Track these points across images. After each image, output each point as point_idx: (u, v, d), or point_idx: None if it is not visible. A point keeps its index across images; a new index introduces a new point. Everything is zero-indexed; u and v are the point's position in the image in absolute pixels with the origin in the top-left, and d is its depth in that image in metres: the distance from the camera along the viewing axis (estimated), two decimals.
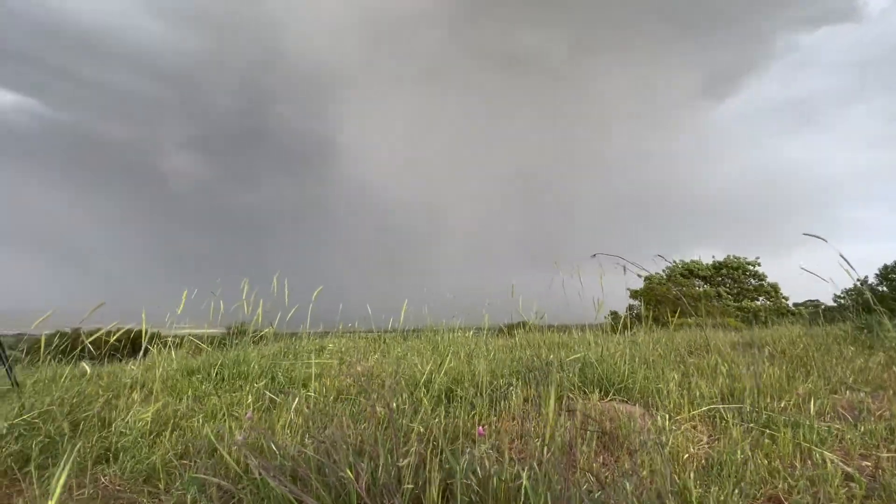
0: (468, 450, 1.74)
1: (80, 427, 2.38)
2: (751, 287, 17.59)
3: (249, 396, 2.92)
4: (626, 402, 2.89)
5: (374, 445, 1.45)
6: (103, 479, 1.97)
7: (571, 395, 2.88)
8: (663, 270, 20.35)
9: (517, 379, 3.25)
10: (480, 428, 1.92)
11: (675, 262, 20.26)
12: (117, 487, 1.93)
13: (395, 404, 2.48)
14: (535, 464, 1.37)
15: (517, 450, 2.10)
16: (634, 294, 17.95)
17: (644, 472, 1.68)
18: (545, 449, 1.47)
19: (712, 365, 3.90)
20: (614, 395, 2.98)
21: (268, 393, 3.04)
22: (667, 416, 2.49)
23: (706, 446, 2.28)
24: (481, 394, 2.82)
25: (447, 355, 3.78)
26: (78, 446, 2.16)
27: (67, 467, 0.96)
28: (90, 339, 3.23)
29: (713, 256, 18.79)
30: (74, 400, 2.78)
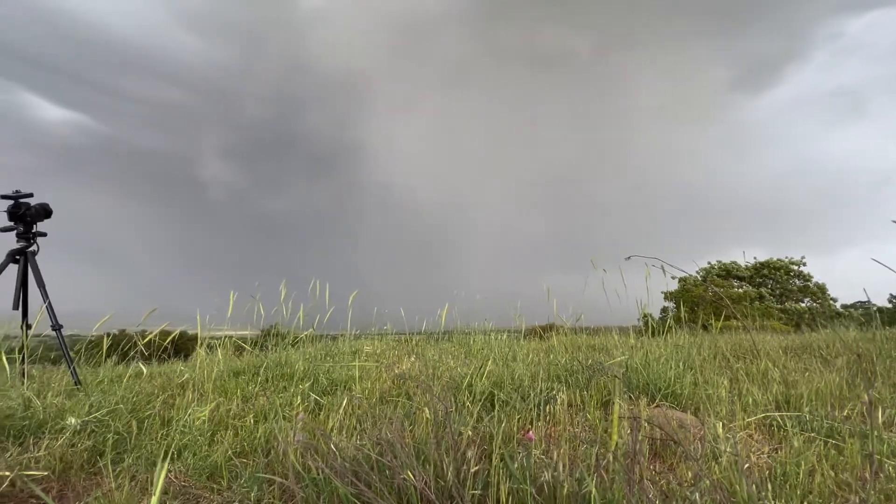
0: (521, 454, 1.73)
1: (144, 425, 2.51)
2: (795, 288, 16.73)
3: (298, 398, 3.00)
4: (674, 408, 2.81)
5: (435, 448, 1.47)
6: (169, 475, 2.07)
7: (618, 401, 2.82)
8: (697, 272, 19.68)
9: (558, 383, 3.21)
10: (531, 433, 1.92)
11: (710, 263, 19.52)
12: (183, 483, 2.03)
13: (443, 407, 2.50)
14: (602, 471, 1.36)
15: (568, 455, 2.08)
16: (668, 296, 17.43)
17: (705, 483, 1.63)
18: (610, 456, 1.45)
19: (762, 370, 3.74)
20: (661, 400, 2.90)
21: (312, 395, 3.12)
22: (720, 424, 2.40)
23: (766, 456, 2.19)
24: (524, 398, 2.80)
25: (488, 358, 3.77)
26: (168, 445, 2.29)
27: (165, 467, 1.02)
28: (145, 341, 3.41)
29: (755, 257, 17.99)
30: (135, 399, 2.93)
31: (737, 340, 5.54)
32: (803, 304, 16.79)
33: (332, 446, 1.63)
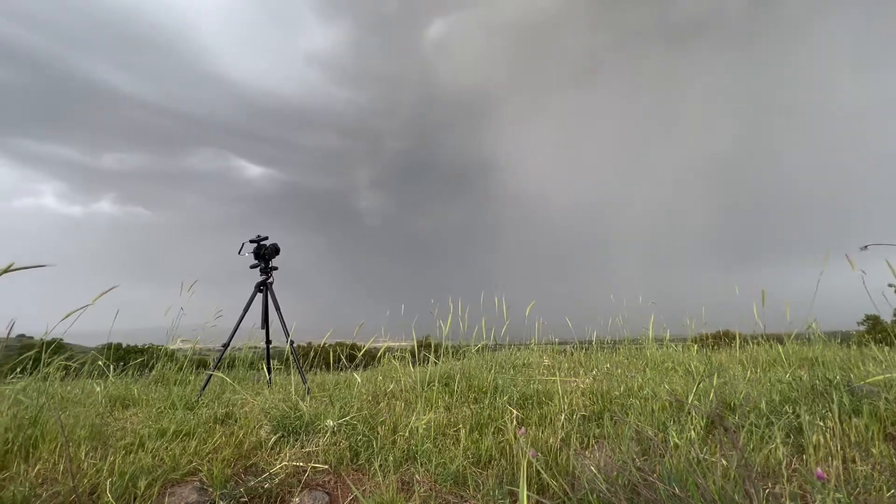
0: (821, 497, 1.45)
1: (380, 430, 2.87)
2: None
3: (511, 413, 3.09)
4: None
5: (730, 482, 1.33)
6: (417, 477, 2.32)
7: None
8: None
9: (809, 405, 2.66)
10: (819, 470, 1.59)
11: None
12: (430, 487, 2.24)
13: (667, 432, 2.29)
14: None
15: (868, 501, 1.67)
16: None
17: None
18: None
19: None
20: None
21: (513, 409, 3.18)
22: None
23: None
24: (769, 423, 2.38)
25: (707, 374, 3.36)
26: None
27: (525, 483, 1.12)
28: (362, 352, 3.94)
29: None
30: (361, 405, 3.39)
31: None
32: None
33: (591, 466, 1.59)
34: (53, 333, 3.39)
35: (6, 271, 2.28)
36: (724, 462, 1.81)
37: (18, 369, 3.59)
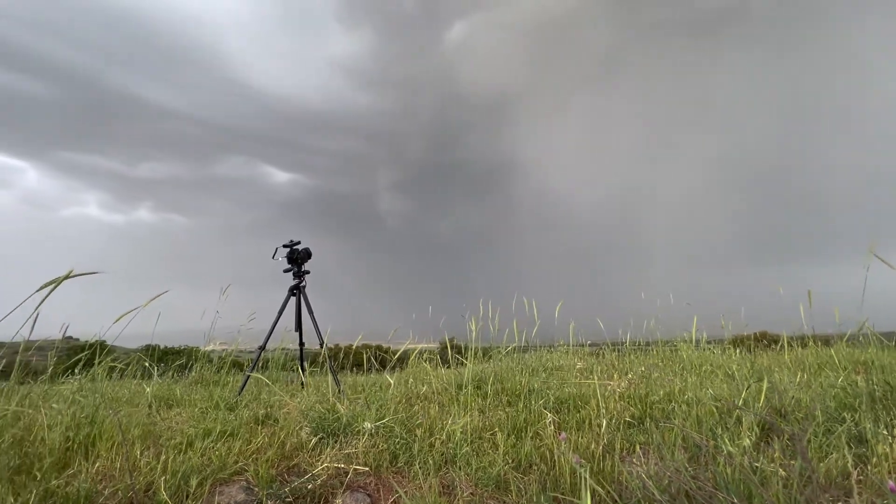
0: None
1: (417, 433, 2.88)
2: None
3: (545, 416, 3.06)
4: None
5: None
6: (458, 481, 2.31)
7: None
8: None
9: (860, 412, 2.52)
10: (892, 482, 1.50)
11: None
12: (472, 492, 2.23)
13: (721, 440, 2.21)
14: None
15: None
16: None
17: None
18: None
19: None
20: None
21: (549, 413, 3.13)
22: None
23: None
24: (827, 431, 2.26)
25: (749, 378, 3.23)
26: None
27: (588, 497, 1.10)
28: (397, 356, 3.98)
29: None
30: (396, 408, 3.41)
31: None
32: None
33: (641, 473, 1.55)
34: (101, 336, 3.56)
35: (67, 277, 2.41)
36: (783, 472, 1.73)
37: (75, 369, 3.79)
